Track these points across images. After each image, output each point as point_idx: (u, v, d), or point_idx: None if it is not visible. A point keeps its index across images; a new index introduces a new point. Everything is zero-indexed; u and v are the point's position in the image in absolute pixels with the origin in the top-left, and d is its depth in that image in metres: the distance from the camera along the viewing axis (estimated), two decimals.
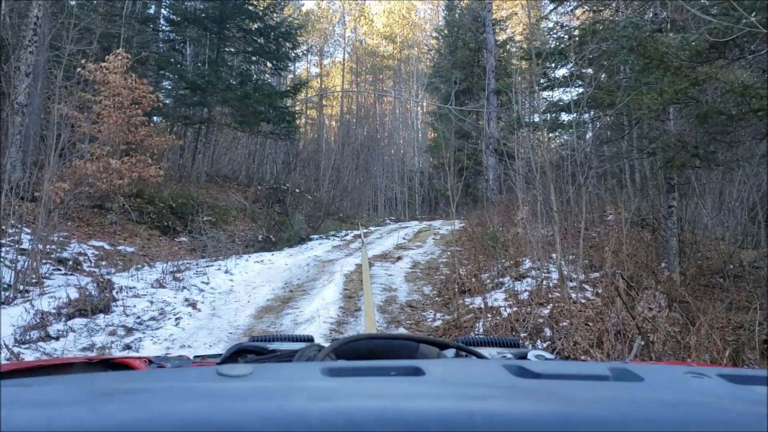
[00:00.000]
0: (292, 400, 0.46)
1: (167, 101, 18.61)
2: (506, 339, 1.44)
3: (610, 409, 0.50)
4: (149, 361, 1.29)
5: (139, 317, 6.17)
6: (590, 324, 5.21)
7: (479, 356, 1.09)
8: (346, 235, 15.08)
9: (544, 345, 4.92)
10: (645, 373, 0.64)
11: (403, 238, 13.16)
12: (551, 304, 5.80)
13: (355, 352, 1.00)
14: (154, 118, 17.38)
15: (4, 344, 4.92)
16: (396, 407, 0.46)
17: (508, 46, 24.78)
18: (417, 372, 0.61)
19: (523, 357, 1.18)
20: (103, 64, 11.58)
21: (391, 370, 0.63)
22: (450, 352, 1.12)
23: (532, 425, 0.43)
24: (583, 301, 5.97)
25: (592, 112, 11.72)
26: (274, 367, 0.75)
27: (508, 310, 5.94)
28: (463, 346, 1.12)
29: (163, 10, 19.93)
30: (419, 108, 37.56)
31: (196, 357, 1.48)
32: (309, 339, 1.51)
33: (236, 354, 1.27)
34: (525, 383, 0.59)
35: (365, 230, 15.79)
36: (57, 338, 5.36)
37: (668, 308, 5.46)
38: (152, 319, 6.20)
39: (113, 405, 0.44)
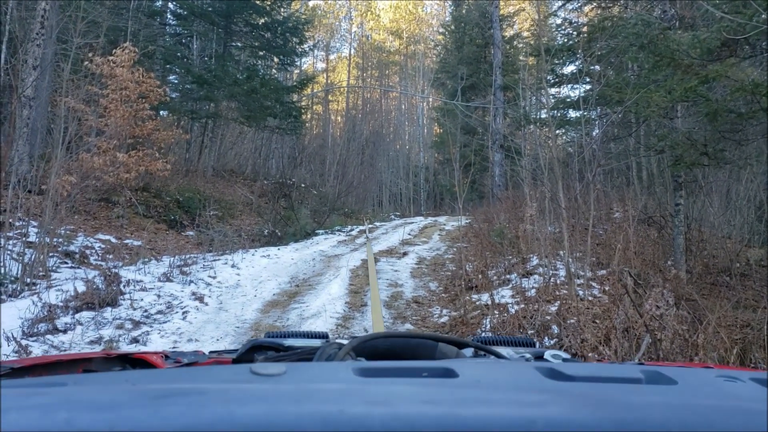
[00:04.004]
0: (351, 405, 0.46)
1: (174, 95, 18.64)
2: (522, 338, 1.44)
3: (648, 414, 0.50)
4: (166, 356, 1.29)
5: (146, 311, 6.19)
6: (597, 321, 5.20)
7: (498, 355, 1.09)
8: (352, 230, 15.08)
9: (552, 342, 4.92)
10: (678, 376, 0.63)
11: (409, 234, 13.14)
12: (559, 302, 5.79)
13: (374, 350, 1.00)
14: (161, 112, 17.41)
15: (12, 336, 4.95)
16: (455, 413, 0.46)
17: (515, 42, 24.73)
18: (449, 374, 0.61)
19: (540, 356, 1.18)
20: (111, 58, 11.60)
21: (422, 371, 0.63)
22: (468, 351, 1.12)
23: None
24: (590, 298, 5.95)
25: (600, 109, 11.69)
26: (306, 367, 0.75)
27: (516, 306, 5.93)
28: (482, 345, 1.12)
29: (170, 4, 19.99)
30: (425, 103, 37.51)
31: (211, 353, 1.48)
32: (324, 336, 1.51)
33: (252, 350, 1.27)
34: (559, 386, 0.59)
35: (370, 225, 15.78)
36: (65, 331, 5.39)
37: (676, 306, 5.43)
38: (159, 312, 6.23)
39: (172, 408, 0.44)
